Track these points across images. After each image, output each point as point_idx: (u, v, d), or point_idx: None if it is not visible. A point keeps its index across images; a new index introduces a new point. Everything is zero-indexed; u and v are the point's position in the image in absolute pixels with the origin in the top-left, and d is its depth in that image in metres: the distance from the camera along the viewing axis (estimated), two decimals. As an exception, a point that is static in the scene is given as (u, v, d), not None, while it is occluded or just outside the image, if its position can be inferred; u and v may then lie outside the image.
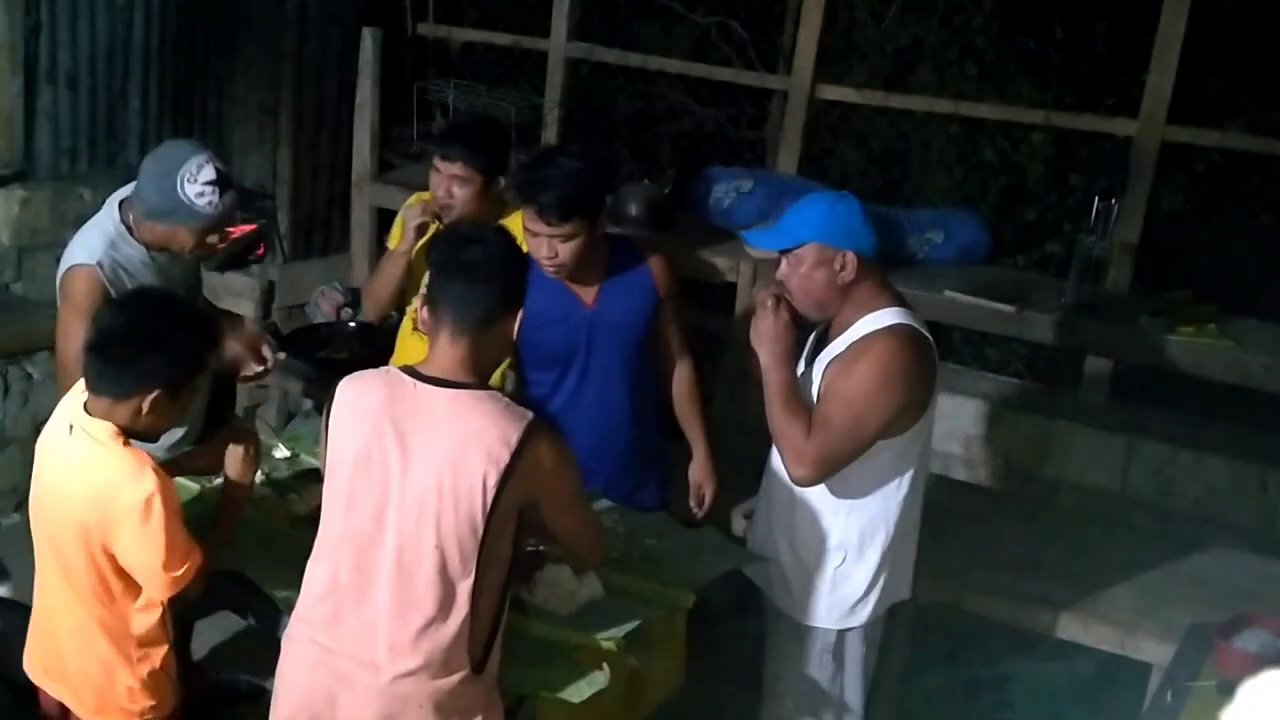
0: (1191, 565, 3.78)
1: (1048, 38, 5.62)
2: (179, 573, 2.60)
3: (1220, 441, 4.51)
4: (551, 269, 3.17)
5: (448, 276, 2.49)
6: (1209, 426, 4.63)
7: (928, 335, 2.87)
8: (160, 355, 2.60)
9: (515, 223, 3.57)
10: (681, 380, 3.51)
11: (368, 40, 5.37)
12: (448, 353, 2.46)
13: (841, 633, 3.01)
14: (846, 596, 2.98)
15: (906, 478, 2.93)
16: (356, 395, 2.50)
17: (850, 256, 2.80)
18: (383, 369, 2.57)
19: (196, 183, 3.08)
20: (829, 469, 2.82)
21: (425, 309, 2.51)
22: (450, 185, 3.56)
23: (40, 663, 2.82)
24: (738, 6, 6.02)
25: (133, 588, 2.66)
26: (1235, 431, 4.57)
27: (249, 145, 5.71)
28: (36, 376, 4.84)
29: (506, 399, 2.48)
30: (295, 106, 5.68)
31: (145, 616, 2.69)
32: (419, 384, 2.45)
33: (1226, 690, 2.64)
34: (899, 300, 2.89)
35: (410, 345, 3.72)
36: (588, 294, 3.29)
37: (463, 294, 2.46)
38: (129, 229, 3.20)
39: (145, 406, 2.60)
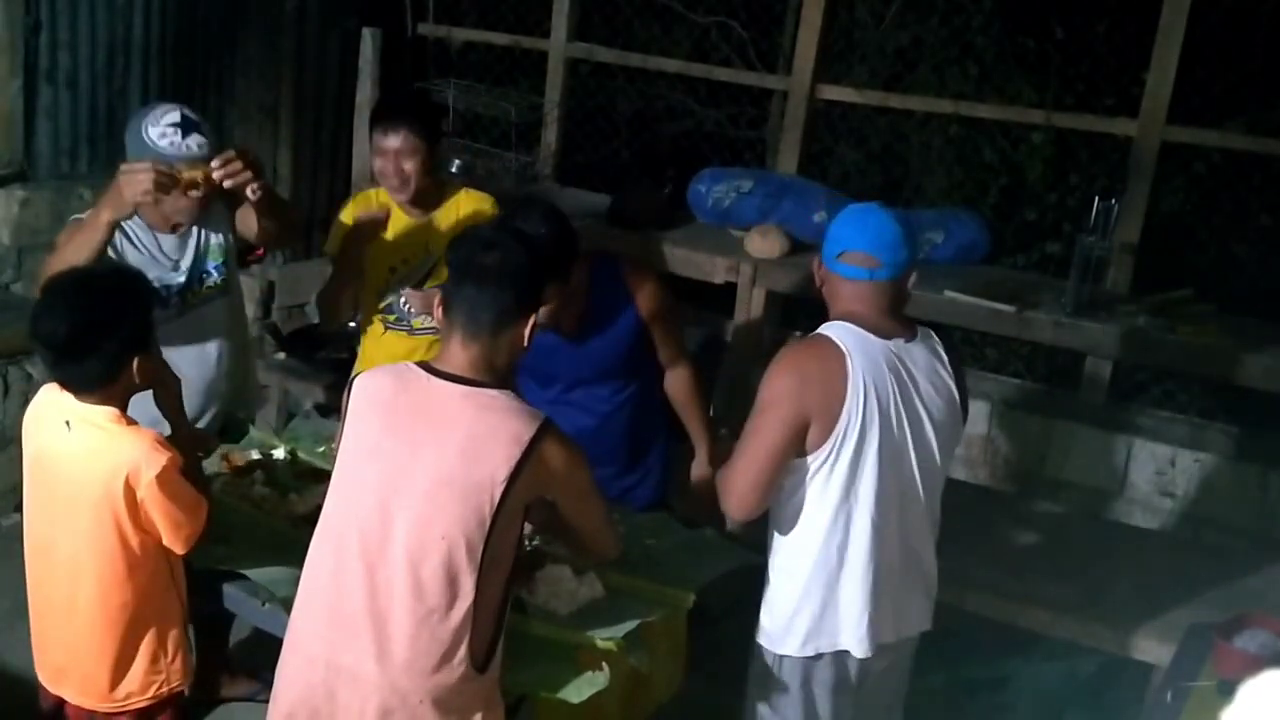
0: (1191, 565, 3.78)
1: (1048, 38, 5.62)
2: (197, 523, 2.72)
3: (1220, 441, 4.51)
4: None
5: (462, 279, 2.52)
6: (1209, 426, 4.63)
7: (839, 344, 2.66)
8: (118, 332, 2.65)
9: (470, 200, 3.67)
10: (678, 386, 3.51)
11: (368, 40, 5.38)
12: (461, 354, 2.50)
13: (777, 656, 2.87)
14: (774, 620, 2.86)
15: (830, 512, 2.71)
16: (371, 388, 2.54)
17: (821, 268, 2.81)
18: (400, 364, 2.59)
19: (159, 125, 3.14)
20: (746, 493, 2.70)
21: (440, 310, 2.53)
22: (399, 161, 3.54)
23: (51, 666, 2.83)
24: (738, 6, 6.02)
25: (148, 562, 2.72)
26: (1235, 431, 4.57)
27: (249, 145, 5.71)
28: (36, 376, 4.84)
29: (520, 399, 2.51)
30: (295, 106, 5.68)
31: (158, 592, 2.76)
32: (433, 379, 2.48)
33: (1226, 690, 2.64)
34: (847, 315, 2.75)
35: (387, 343, 3.72)
36: (569, 324, 3.29)
37: (475, 298, 2.49)
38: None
39: (136, 376, 2.68)
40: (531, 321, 2.55)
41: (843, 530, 2.73)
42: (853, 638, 2.80)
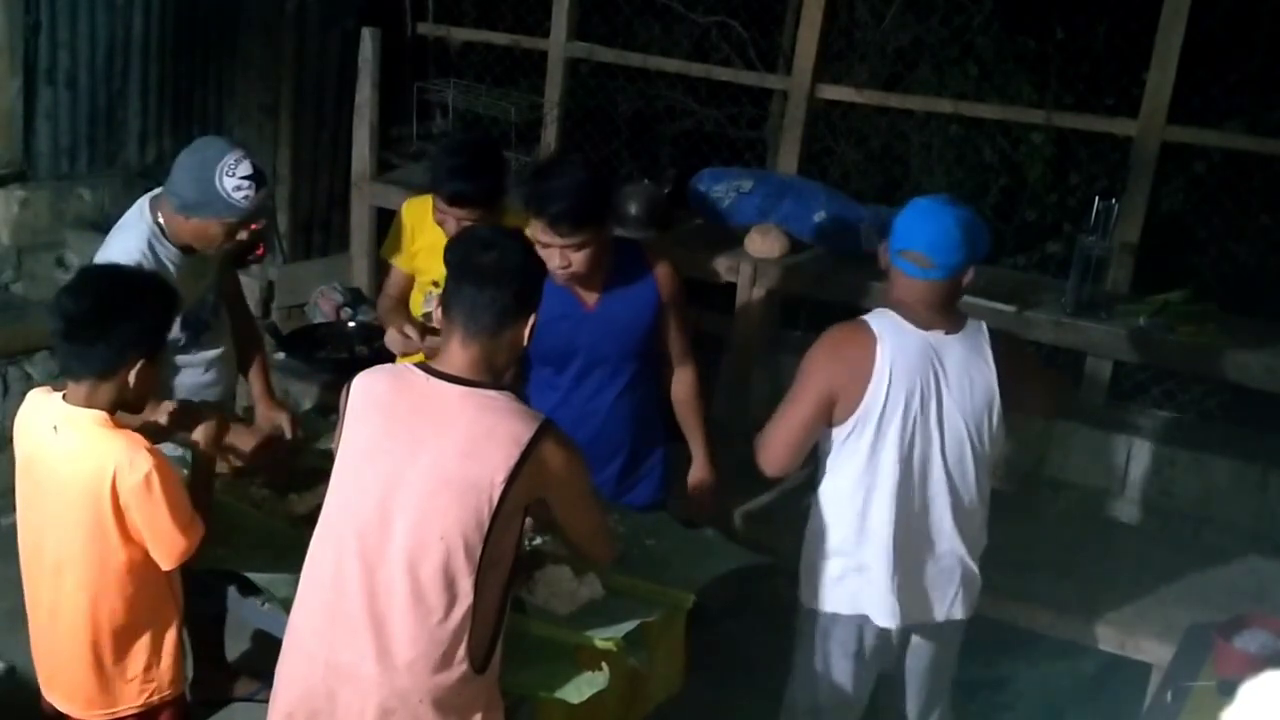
0: (1191, 565, 3.78)
1: (1048, 38, 5.62)
2: (190, 539, 2.66)
3: (1220, 441, 4.50)
4: (565, 278, 3.17)
5: (460, 280, 2.51)
6: (1209, 426, 4.63)
7: (874, 330, 2.85)
8: (133, 324, 2.63)
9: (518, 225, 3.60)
10: (682, 385, 3.51)
11: (368, 40, 5.38)
12: (460, 354, 2.49)
13: (806, 609, 3.07)
14: (805, 575, 3.06)
15: (850, 483, 2.92)
16: (370, 388, 2.53)
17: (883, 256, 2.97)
18: (398, 364, 2.59)
19: (235, 176, 3.10)
20: (778, 451, 2.93)
21: (439, 309, 2.53)
22: (460, 224, 3.53)
23: (48, 672, 2.82)
24: (738, 6, 6.01)
25: (137, 570, 2.69)
26: (1235, 431, 4.56)
27: (249, 145, 5.71)
28: (36, 376, 4.85)
29: (519, 400, 2.51)
30: (295, 106, 5.69)
31: (152, 598, 2.74)
32: (432, 379, 2.48)
33: (1226, 690, 2.63)
34: (894, 305, 2.94)
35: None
36: (589, 296, 3.30)
37: (474, 298, 2.48)
38: (162, 229, 3.22)
39: (132, 379, 2.64)
40: (531, 321, 2.55)
41: (862, 501, 2.92)
42: (870, 604, 2.97)
